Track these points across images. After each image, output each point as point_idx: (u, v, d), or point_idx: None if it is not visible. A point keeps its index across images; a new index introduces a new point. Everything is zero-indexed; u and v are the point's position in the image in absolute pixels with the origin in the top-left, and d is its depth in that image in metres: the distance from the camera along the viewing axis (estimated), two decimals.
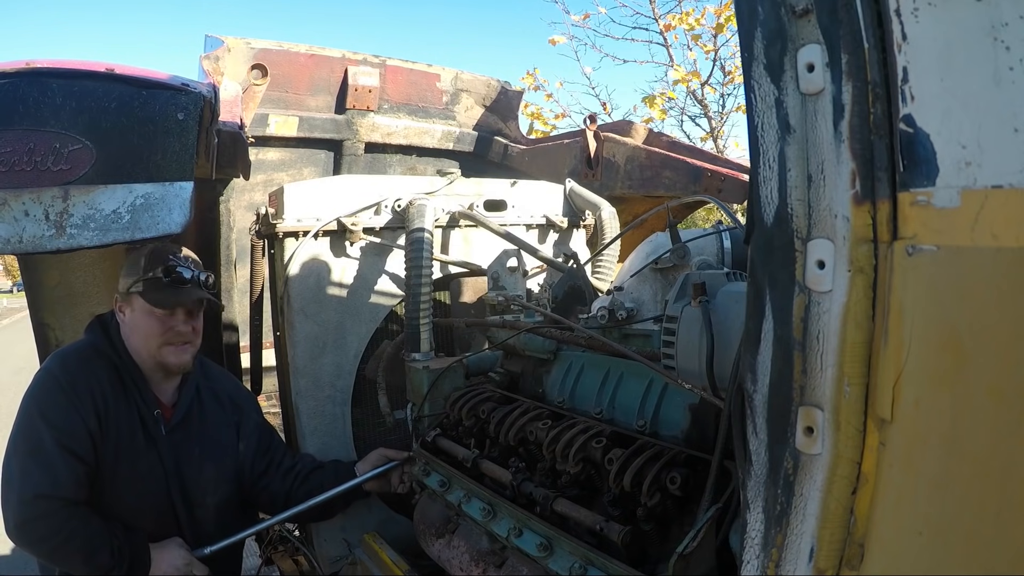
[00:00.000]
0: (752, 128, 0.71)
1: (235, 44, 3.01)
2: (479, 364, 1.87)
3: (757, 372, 0.72)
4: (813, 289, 0.66)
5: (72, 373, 1.65)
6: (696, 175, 2.72)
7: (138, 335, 1.73)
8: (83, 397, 1.62)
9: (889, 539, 0.63)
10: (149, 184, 1.49)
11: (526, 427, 1.41)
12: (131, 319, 1.74)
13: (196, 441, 1.81)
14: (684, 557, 0.97)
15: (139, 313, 1.72)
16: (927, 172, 0.58)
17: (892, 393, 0.61)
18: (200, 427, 1.83)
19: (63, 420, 1.59)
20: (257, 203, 2.88)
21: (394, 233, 2.17)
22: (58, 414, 1.60)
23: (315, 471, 1.97)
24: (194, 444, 1.81)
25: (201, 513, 1.80)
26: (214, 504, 1.83)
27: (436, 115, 3.68)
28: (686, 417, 1.21)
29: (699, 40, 8.95)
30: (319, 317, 2.10)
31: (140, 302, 1.71)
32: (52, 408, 1.60)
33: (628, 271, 1.60)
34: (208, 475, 1.81)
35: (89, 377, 1.66)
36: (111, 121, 1.47)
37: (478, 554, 1.42)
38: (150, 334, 1.72)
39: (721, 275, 1.13)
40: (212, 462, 1.83)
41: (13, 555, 4.55)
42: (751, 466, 0.74)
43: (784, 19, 0.67)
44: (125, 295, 1.73)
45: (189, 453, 1.79)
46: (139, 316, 1.72)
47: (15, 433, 1.61)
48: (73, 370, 1.66)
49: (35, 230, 1.42)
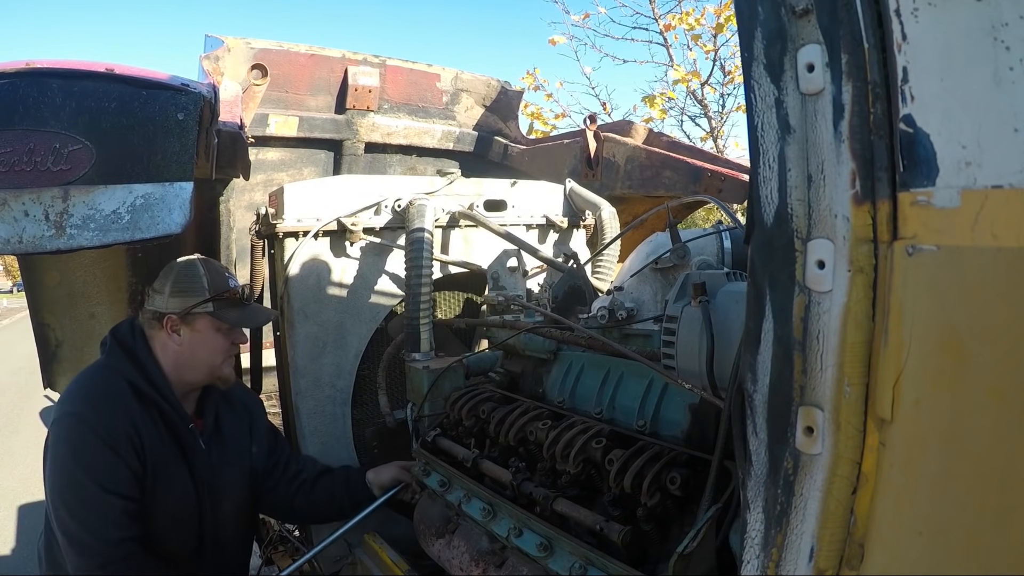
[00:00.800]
0: (752, 128, 0.71)
1: (235, 44, 3.01)
2: (479, 364, 1.87)
3: (757, 372, 0.72)
4: (813, 289, 0.66)
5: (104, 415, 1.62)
6: (696, 175, 2.72)
7: (203, 354, 1.76)
8: (121, 440, 1.61)
9: (889, 539, 0.63)
10: (149, 184, 1.49)
11: (526, 427, 1.41)
12: (193, 339, 1.75)
13: (218, 448, 1.85)
14: (684, 557, 0.97)
15: (207, 332, 1.76)
16: (927, 172, 0.58)
17: (892, 393, 0.61)
18: (220, 434, 1.87)
19: (106, 469, 1.59)
20: (257, 203, 2.88)
21: (394, 233, 2.17)
22: (100, 464, 1.58)
23: (322, 477, 1.97)
24: (219, 451, 1.85)
25: (221, 518, 1.83)
26: (232, 509, 1.86)
27: (436, 115, 3.67)
28: (686, 417, 1.21)
29: (699, 40, 8.96)
30: (319, 317, 2.10)
31: (208, 321, 1.75)
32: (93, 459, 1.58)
33: (628, 271, 1.60)
34: (228, 480, 1.84)
35: (122, 417, 1.63)
36: (111, 121, 1.47)
37: (478, 554, 1.42)
38: (217, 351, 1.77)
39: (721, 275, 1.13)
40: (231, 467, 1.86)
41: (13, 555, 4.56)
42: (751, 466, 0.74)
43: (784, 19, 0.67)
44: (186, 316, 1.74)
45: (214, 461, 1.82)
46: (206, 335, 1.76)
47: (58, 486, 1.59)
48: (105, 413, 1.62)
49: (35, 230, 1.42)
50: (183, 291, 1.75)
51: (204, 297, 1.74)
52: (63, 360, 2.60)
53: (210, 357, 1.77)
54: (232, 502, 1.86)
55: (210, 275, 1.77)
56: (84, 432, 1.60)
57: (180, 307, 1.73)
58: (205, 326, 1.76)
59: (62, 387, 2.76)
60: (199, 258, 1.82)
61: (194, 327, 1.75)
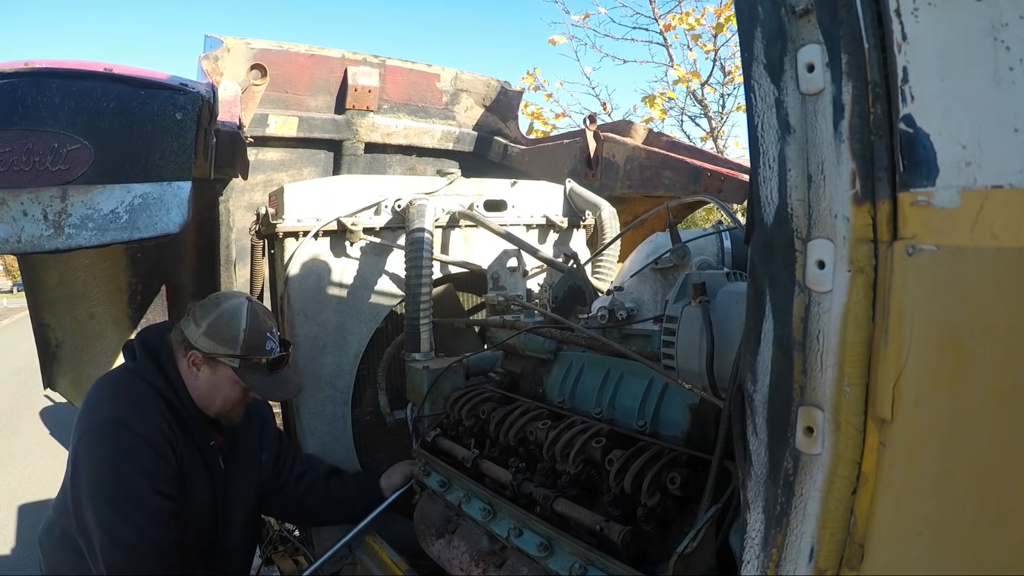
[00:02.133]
0: (752, 128, 0.71)
1: (234, 44, 3.01)
2: (479, 364, 1.87)
3: (757, 372, 0.72)
4: (813, 289, 0.66)
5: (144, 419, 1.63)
6: (696, 175, 2.72)
7: (216, 397, 1.74)
8: (161, 443, 1.63)
9: (889, 539, 0.63)
10: (147, 184, 1.49)
11: (526, 427, 1.41)
12: (210, 380, 1.72)
13: (232, 460, 1.85)
14: (684, 557, 0.97)
15: (225, 381, 1.72)
16: (927, 172, 0.58)
17: (892, 393, 0.61)
18: (235, 446, 1.88)
19: (152, 466, 1.59)
20: (257, 203, 2.88)
21: (394, 233, 2.17)
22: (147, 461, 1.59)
23: (331, 479, 1.97)
24: (234, 464, 1.85)
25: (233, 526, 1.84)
26: (242, 519, 1.87)
27: (436, 115, 3.67)
28: (686, 417, 1.21)
29: (699, 40, 8.96)
30: (319, 317, 2.10)
31: (230, 373, 1.71)
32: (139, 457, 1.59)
33: (628, 271, 1.60)
34: (241, 490, 1.85)
35: (159, 420, 1.65)
36: (109, 121, 1.47)
37: (478, 554, 1.42)
38: (230, 400, 1.75)
39: (721, 275, 1.13)
40: (244, 476, 1.87)
41: (13, 555, 4.56)
42: (751, 466, 0.74)
43: (784, 19, 0.67)
44: (211, 358, 1.70)
45: (228, 474, 1.83)
46: (224, 384, 1.72)
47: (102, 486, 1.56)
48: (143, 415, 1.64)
49: (33, 230, 1.41)
50: (217, 336, 1.70)
51: (235, 352, 1.70)
52: (63, 360, 2.60)
53: (222, 403, 1.75)
54: (243, 511, 1.87)
55: (250, 332, 1.71)
56: (126, 433, 1.59)
57: (208, 348, 1.70)
58: (226, 375, 1.72)
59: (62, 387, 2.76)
60: (250, 305, 1.75)
61: (215, 371, 1.72)
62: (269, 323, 1.77)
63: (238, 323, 1.71)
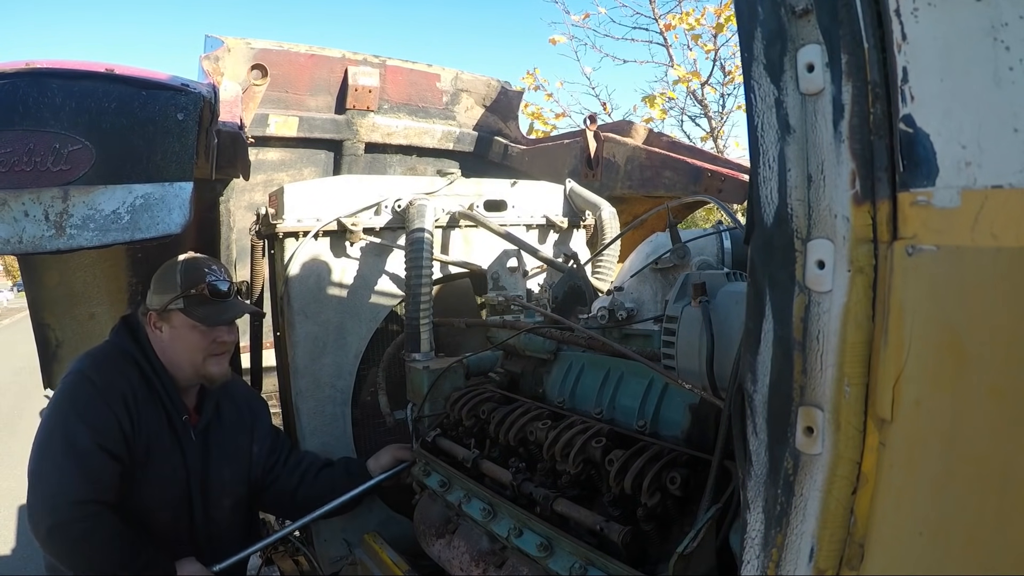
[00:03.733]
0: (752, 128, 0.71)
1: (235, 44, 3.01)
2: (479, 364, 1.87)
3: (757, 372, 0.72)
4: (813, 289, 0.66)
5: (105, 374, 1.68)
6: (696, 175, 2.72)
7: (181, 350, 1.76)
8: (116, 398, 1.66)
9: (889, 539, 0.63)
10: (149, 184, 1.49)
11: (526, 427, 1.41)
12: (171, 335, 1.76)
13: (217, 444, 1.85)
14: (684, 557, 0.97)
15: (182, 329, 1.75)
16: (927, 172, 0.58)
17: (892, 393, 0.61)
18: (220, 431, 1.88)
19: (99, 420, 1.62)
20: (257, 203, 2.88)
21: (394, 233, 2.17)
22: (95, 414, 1.63)
23: (324, 469, 1.98)
24: (215, 447, 1.85)
25: (217, 513, 1.84)
26: (229, 505, 1.87)
27: (436, 115, 3.67)
28: (686, 417, 1.21)
29: (699, 40, 8.96)
30: (319, 317, 2.10)
31: (182, 318, 1.75)
32: (88, 409, 1.63)
33: (628, 271, 1.60)
34: (226, 477, 1.86)
35: (120, 379, 1.69)
36: (111, 121, 1.47)
37: (478, 554, 1.42)
38: (195, 348, 1.76)
39: (721, 275, 1.13)
40: (230, 465, 1.87)
41: (13, 555, 4.56)
42: (751, 466, 0.74)
43: (784, 19, 0.67)
44: (162, 312, 1.75)
45: (211, 456, 1.83)
46: (182, 332, 1.76)
47: (47, 435, 1.62)
48: (106, 371, 1.69)
49: (35, 230, 1.42)
50: (160, 288, 1.77)
51: (176, 293, 1.74)
52: (63, 360, 2.60)
53: (189, 354, 1.76)
54: (230, 498, 1.87)
55: (186, 271, 1.76)
56: (84, 385, 1.65)
57: (159, 304, 1.75)
58: (181, 323, 1.76)
59: None
60: (186, 255, 1.81)
61: (171, 323, 1.76)
62: (209, 262, 1.82)
63: (173, 268, 1.77)
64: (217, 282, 1.77)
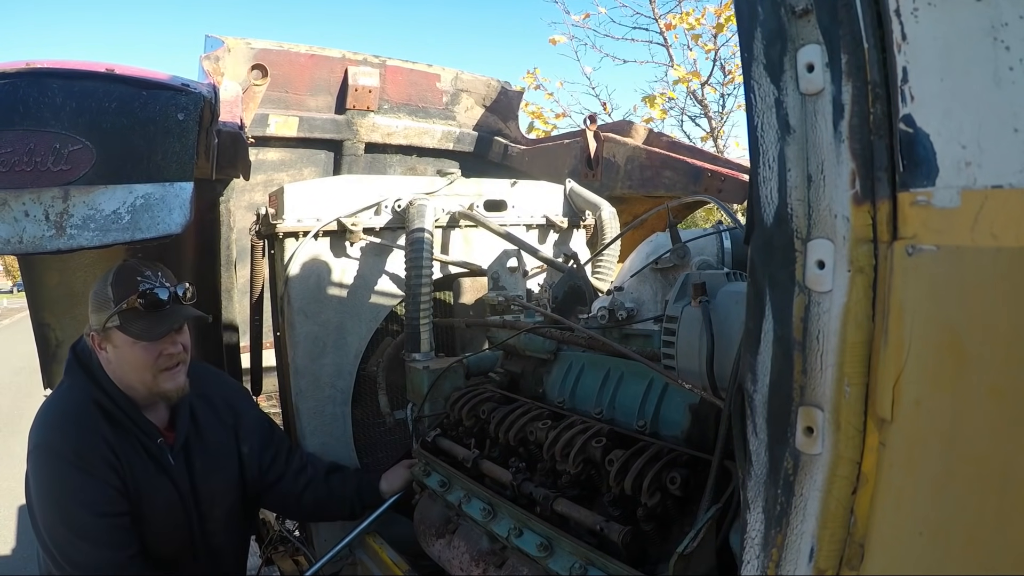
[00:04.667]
0: (752, 128, 0.71)
1: (235, 44, 3.01)
2: (479, 364, 1.87)
3: (757, 372, 0.72)
4: (813, 289, 0.66)
5: (73, 441, 1.57)
6: (696, 175, 2.72)
7: (128, 370, 1.62)
8: (95, 460, 1.57)
9: (889, 539, 0.63)
10: (149, 184, 1.49)
11: (526, 427, 1.41)
12: (115, 355, 1.62)
13: (200, 456, 1.77)
14: (684, 557, 0.97)
15: (123, 348, 1.60)
16: (927, 172, 0.58)
17: (892, 393, 0.61)
18: (200, 441, 1.79)
19: (89, 493, 1.55)
20: (257, 203, 2.88)
21: (394, 233, 2.17)
22: (83, 490, 1.55)
23: (332, 476, 1.94)
24: (199, 459, 1.77)
25: (211, 526, 1.79)
26: (222, 515, 1.82)
27: (436, 115, 3.68)
28: (686, 417, 1.21)
29: (699, 40, 8.96)
30: (319, 317, 2.10)
31: (121, 336, 1.59)
32: (75, 488, 1.55)
33: (628, 271, 1.60)
34: (215, 487, 1.79)
35: (88, 435, 1.58)
36: (111, 121, 1.47)
37: (478, 554, 1.42)
38: (141, 366, 1.61)
39: (721, 275, 1.13)
40: (217, 473, 1.80)
41: (14, 555, 4.56)
42: (751, 466, 0.74)
43: (784, 19, 0.67)
44: (102, 331, 1.60)
45: (195, 471, 1.75)
46: (124, 351, 1.60)
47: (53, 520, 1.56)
48: (73, 437, 1.58)
49: (35, 230, 1.42)
50: (96, 304, 1.61)
51: (110, 310, 1.57)
52: (63, 360, 2.59)
53: (137, 373, 1.62)
54: (222, 508, 1.81)
55: (116, 283, 1.59)
56: (56, 461, 1.56)
57: (97, 323, 1.61)
58: (121, 341, 1.60)
59: None
60: (119, 263, 1.64)
61: (113, 343, 1.61)
62: (141, 268, 1.63)
63: (105, 283, 1.61)
64: (152, 290, 1.59)
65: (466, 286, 2.18)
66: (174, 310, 1.63)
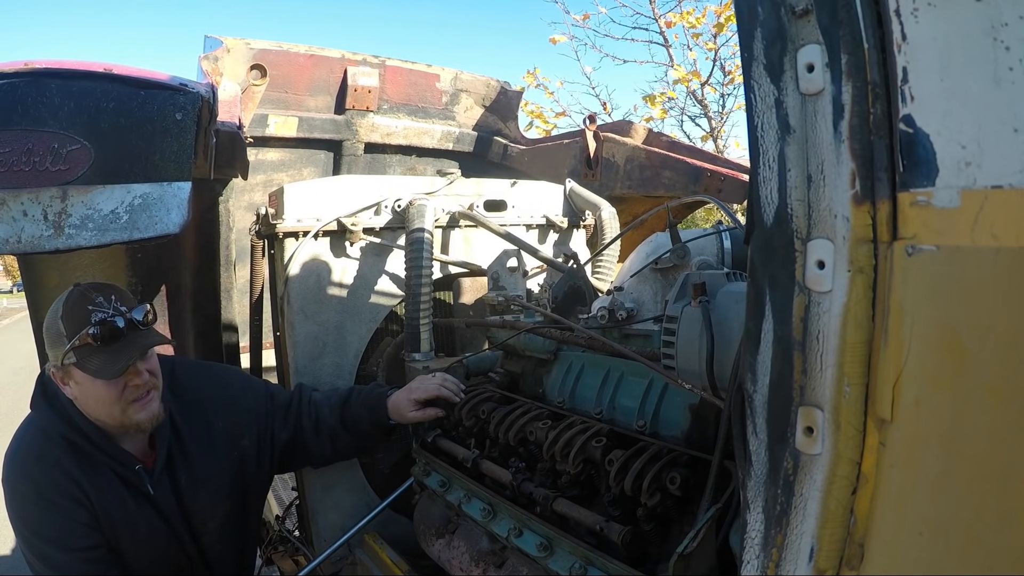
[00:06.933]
0: (752, 128, 0.71)
1: (234, 44, 3.01)
2: (479, 364, 1.87)
3: (757, 372, 0.72)
4: (813, 289, 0.66)
5: (37, 482, 1.51)
6: (696, 175, 2.72)
7: (94, 406, 1.51)
8: (57, 498, 1.50)
9: (889, 539, 0.63)
10: (147, 184, 1.49)
11: (526, 427, 1.41)
12: (79, 392, 1.50)
13: (184, 471, 1.67)
14: (684, 557, 0.97)
15: (85, 384, 1.47)
16: (927, 172, 0.58)
17: (892, 393, 0.61)
18: (184, 455, 1.69)
19: (58, 529, 1.51)
20: (257, 203, 2.88)
21: (394, 233, 2.17)
22: (48, 528, 1.51)
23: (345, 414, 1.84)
24: (183, 475, 1.67)
25: (206, 540, 1.75)
26: (216, 527, 1.76)
27: (436, 115, 3.68)
28: (686, 417, 1.21)
29: (699, 39, 8.97)
30: (319, 317, 2.10)
31: (80, 374, 1.46)
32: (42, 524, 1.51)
33: (628, 271, 1.60)
34: (203, 499, 1.71)
35: (54, 472, 1.51)
36: (109, 121, 1.47)
37: (478, 554, 1.42)
38: (107, 401, 1.49)
39: (721, 275, 1.13)
40: (205, 484, 1.71)
41: (14, 555, 4.55)
42: (751, 466, 0.74)
43: (784, 19, 0.67)
44: (60, 368, 1.49)
45: (182, 487, 1.67)
46: (87, 387, 1.48)
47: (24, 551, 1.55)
48: (34, 474, 1.52)
49: (33, 230, 1.41)
50: (51, 340, 1.48)
51: (64, 347, 1.44)
52: None
53: (104, 408, 1.50)
54: (216, 521, 1.74)
55: (67, 317, 1.44)
56: (19, 498, 1.52)
57: (55, 360, 1.49)
58: (82, 378, 1.47)
59: None
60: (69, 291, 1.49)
61: (74, 379, 1.49)
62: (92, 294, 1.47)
63: (55, 316, 1.46)
64: (105, 320, 1.44)
65: (466, 286, 2.18)
66: (132, 339, 1.48)
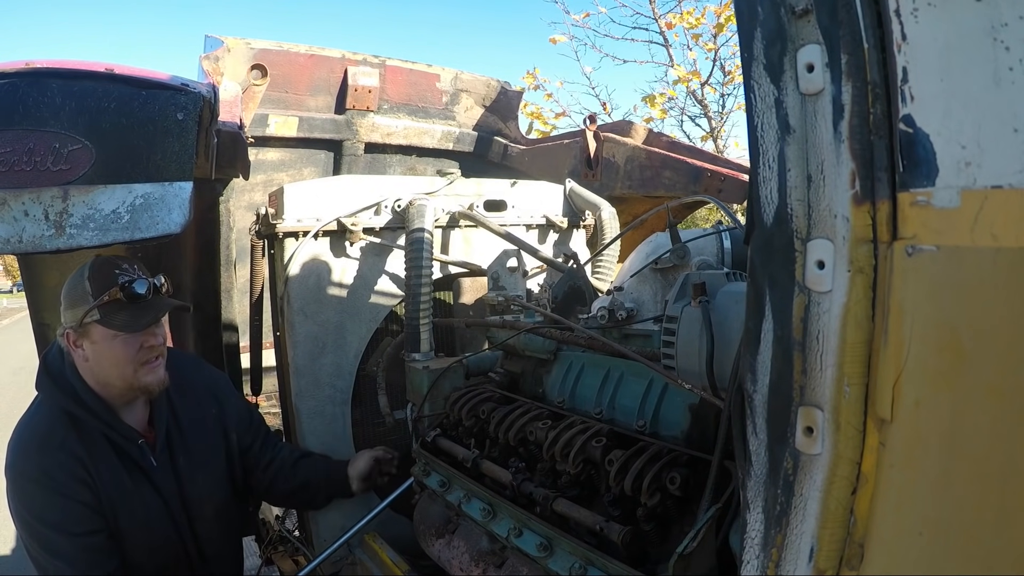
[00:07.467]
0: (752, 128, 0.71)
1: (235, 44, 3.01)
2: (479, 364, 1.87)
3: (757, 372, 0.72)
4: (813, 289, 0.66)
5: (41, 461, 1.56)
6: (696, 175, 2.72)
7: (108, 366, 1.58)
8: (64, 480, 1.55)
9: (889, 539, 0.63)
10: (148, 184, 1.49)
11: (526, 427, 1.41)
12: (94, 351, 1.57)
13: (183, 453, 1.73)
14: (684, 557, 0.97)
15: (103, 342, 1.56)
16: (927, 172, 0.58)
17: (892, 393, 0.61)
18: (182, 436, 1.75)
19: (60, 514, 1.54)
20: (257, 203, 2.88)
21: (394, 233, 2.17)
22: (51, 512, 1.54)
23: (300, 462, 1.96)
24: (182, 457, 1.73)
25: (202, 527, 1.77)
26: (213, 512, 1.79)
27: (436, 115, 3.68)
28: (686, 417, 1.21)
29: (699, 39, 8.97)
30: (319, 317, 2.10)
31: (101, 330, 1.55)
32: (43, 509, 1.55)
33: (628, 271, 1.60)
34: (201, 484, 1.76)
35: (58, 455, 1.56)
36: (111, 121, 1.47)
37: (478, 554, 1.42)
38: (122, 360, 1.57)
39: (721, 275, 1.13)
40: (202, 469, 1.76)
41: (14, 555, 4.56)
42: (751, 466, 0.74)
43: (784, 19, 0.67)
44: (79, 327, 1.56)
45: (180, 469, 1.72)
46: (104, 346, 1.56)
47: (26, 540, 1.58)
48: (40, 457, 1.56)
49: (35, 230, 1.42)
50: (72, 302, 1.57)
51: (89, 304, 1.53)
52: None
53: (118, 369, 1.58)
54: (212, 505, 1.78)
55: (95, 277, 1.56)
56: (24, 483, 1.56)
57: (73, 319, 1.56)
58: (101, 335, 1.55)
59: None
60: (93, 259, 1.61)
61: (91, 338, 1.56)
62: (119, 261, 1.60)
63: (81, 276, 1.57)
64: (132, 282, 1.56)
65: (466, 286, 2.19)
66: (155, 301, 1.61)
